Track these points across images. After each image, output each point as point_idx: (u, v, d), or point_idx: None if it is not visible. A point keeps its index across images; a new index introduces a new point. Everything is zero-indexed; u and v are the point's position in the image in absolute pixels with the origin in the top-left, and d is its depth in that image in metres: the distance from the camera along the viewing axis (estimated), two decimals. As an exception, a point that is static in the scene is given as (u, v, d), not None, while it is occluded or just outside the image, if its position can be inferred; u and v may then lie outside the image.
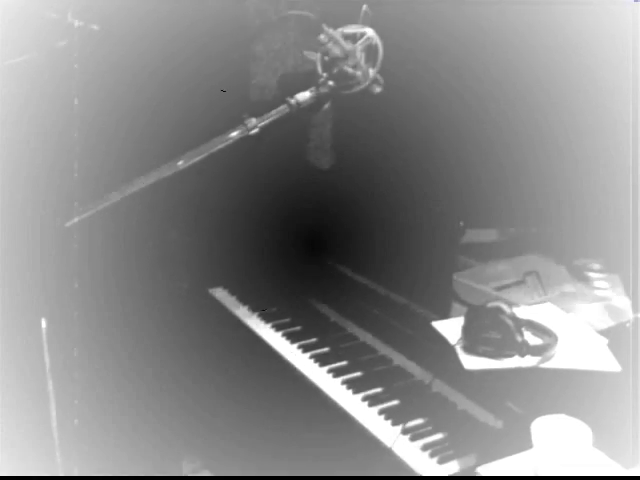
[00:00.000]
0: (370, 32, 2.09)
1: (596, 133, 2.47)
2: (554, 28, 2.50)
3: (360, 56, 2.08)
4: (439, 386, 2.27)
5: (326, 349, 2.62)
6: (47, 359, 2.06)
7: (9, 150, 2.38)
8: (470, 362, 2.07)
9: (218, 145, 1.96)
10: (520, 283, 2.56)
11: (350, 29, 2.10)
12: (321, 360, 2.55)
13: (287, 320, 2.81)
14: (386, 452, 2.13)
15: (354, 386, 2.40)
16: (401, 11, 2.82)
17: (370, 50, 2.09)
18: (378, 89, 2.14)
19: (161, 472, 3.07)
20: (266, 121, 2.01)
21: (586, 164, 2.52)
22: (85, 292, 2.64)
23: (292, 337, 2.70)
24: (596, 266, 2.56)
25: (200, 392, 3.14)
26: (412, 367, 2.42)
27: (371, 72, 2.10)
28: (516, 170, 2.71)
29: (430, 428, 2.19)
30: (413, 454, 2.11)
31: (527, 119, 2.67)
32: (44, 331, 2.05)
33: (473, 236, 2.63)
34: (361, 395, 2.36)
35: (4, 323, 2.37)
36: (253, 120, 1.99)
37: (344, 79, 2.10)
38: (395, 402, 2.33)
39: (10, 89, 2.34)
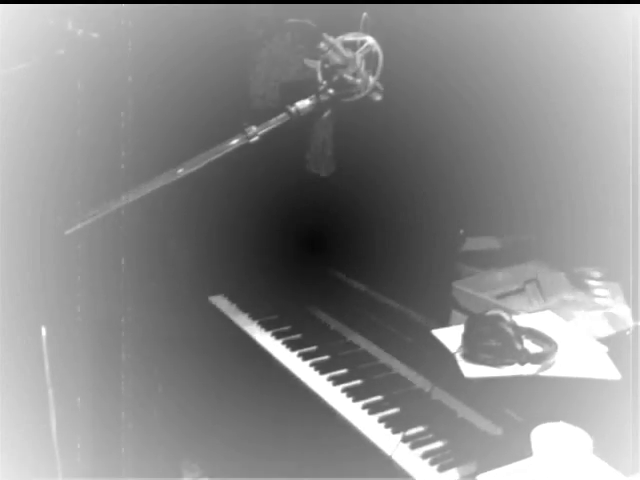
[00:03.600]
0: (370, 40, 2.10)
1: (596, 138, 2.48)
2: (554, 29, 2.51)
3: (360, 64, 2.09)
4: (439, 394, 2.27)
5: (326, 357, 2.62)
6: (47, 364, 2.07)
7: (9, 156, 2.39)
8: (470, 370, 2.07)
9: (218, 153, 1.96)
10: (520, 291, 2.56)
11: (350, 37, 2.11)
12: (321, 368, 2.55)
13: (287, 328, 2.81)
14: (386, 460, 2.13)
15: (354, 394, 2.40)
16: (401, 19, 2.82)
17: (370, 58, 2.10)
18: (378, 97, 2.14)
19: (161, 477, 3.07)
20: (266, 129, 2.01)
21: (586, 171, 2.52)
22: (85, 299, 2.65)
23: (292, 345, 2.70)
24: (596, 274, 2.56)
25: (200, 399, 3.14)
26: (412, 375, 2.42)
27: (371, 80, 2.11)
28: (516, 178, 2.71)
29: (430, 436, 2.19)
30: (413, 462, 2.10)
31: (528, 126, 2.67)
32: (44, 338, 2.05)
33: (473, 244, 2.63)
34: (361, 403, 2.36)
35: (4, 329, 2.37)
36: (253, 128, 1.99)
37: (344, 87, 2.10)
38: (395, 410, 2.33)
39: (10, 95, 2.35)
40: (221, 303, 3.04)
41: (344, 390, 2.43)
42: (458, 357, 2.11)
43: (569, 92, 2.52)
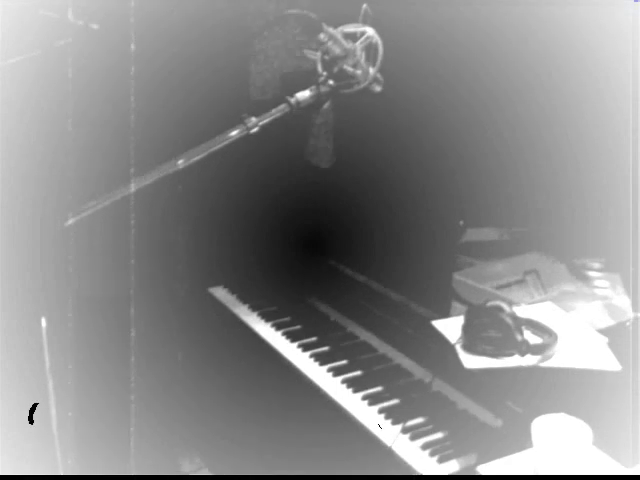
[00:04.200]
0: (370, 31, 2.09)
1: (596, 132, 2.47)
2: (554, 28, 2.51)
3: (360, 55, 2.08)
4: (439, 385, 2.27)
5: (326, 348, 2.62)
6: (47, 358, 2.06)
7: (9, 149, 2.39)
8: (470, 361, 2.07)
9: (218, 144, 1.96)
10: (520, 282, 2.55)
11: (350, 28, 2.10)
12: (321, 359, 2.55)
13: (287, 319, 2.81)
14: (386, 451, 2.13)
15: (354, 385, 2.40)
16: (401, 10, 2.82)
17: (370, 49, 2.09)
18: (378, 88, 2.14)
19: (161, 471, 3.07)
20: (266, 120, 2.01)
21: (586, 163, 2.52)
22: (85, 291, 2.64)
23: (292, 336, 2.70)
24: (596, 265, 2.56)
25: (200, 391, 3.14)
26: (412, 366, 2.42)
27: (371, 71, 2.10)
28: (516, 169, 2.71)
29: (430, 427, 2.19)
30: (413, 453, 2.11)
31: (527, 118, 2.67)
32: (44, 330, 2.05)
33: (473, 235, 2.63)
34: (361, 394, 2.36)
35: (4, 323, 2.37)
36: (253, 119, 1.99)
37: (344, 78, 2.10)
38: (395, 401, 2.33)
39: (10, 88, 2.34)
40: (221, 294, 3.04)
41: (344, 381, 2.44)
42: (458, 348, 2.11)
43: (568, 87, 2.52)
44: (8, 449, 2.35)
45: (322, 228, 2.82)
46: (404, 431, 2.17)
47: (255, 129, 1.98)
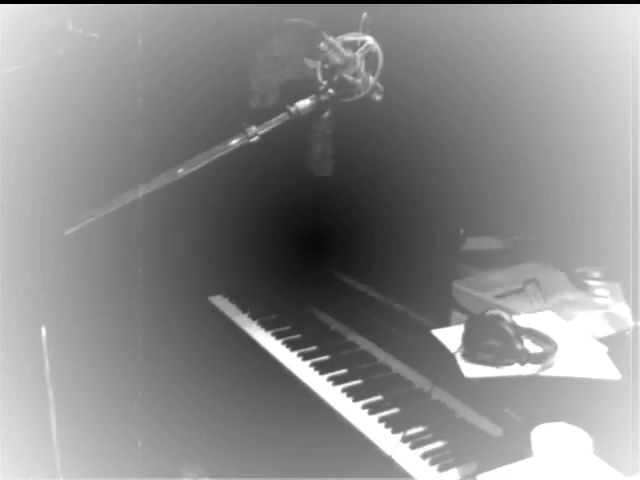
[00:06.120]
0: (370, 40, 2.10)
1: (596, 138, 2.47)
2: (554, 30, 2.51)
3: (360, 64, 2.09)
4: (439, 394, 2.27)
5: (326, 357, 2.62)
6: (47, 365, 2.06)
7: (9, 156, 2.39)
8: (470, 370, 2.06)
9: (218, 153, 1.96)
10: (520, 291, 2.55)
11: (350, 37, 2.11)
12: (321, 368, 2.55)
13: (287, 328, 2.81)
14: (386, 460, 2.13)
15: (354, 394, 2.40)
16: (401, 19, 2.82)
17: (370, 58, 2.10)
18: (378, 97, 2.14)
19: (161, 477, 3.06)
20: (266, 129, 2.01)
21: (586, 171, 2.52)
22: (85, 299, 2.64)
23: (292, 345, 2.70)
24: (596, 274, 2.56)
25: (200, 398, 3.14)
26: (412, 375, 2.42)
27: (371, 80, 2.11)
28: (517, 178, 2.71)
29: (430, 436, 2.19)
30: (413, 462, 2.10)
31: (528, 126, 2.67)
32: (44, 338, 2.05)
33: (473, 244, 2.63)
34: (361, 403, 2.36)
35: (4, 323, 2.37)
36: (253, 128, 1.99)
37: (344, 87, 2.10)
38: (395, 410, 2.33)
39: (10, 96, 2.35)
40: (221, 303, 3.04)
41: (344, 390, 2.43)
42: (458, 357, 2.11)
43: (569, 92, 2.52)
44: (8, 449, 2.35)
45: (322, 236, 2.82)
46: (404, 440, 2.16)
47: (255, 138, 1.99)
